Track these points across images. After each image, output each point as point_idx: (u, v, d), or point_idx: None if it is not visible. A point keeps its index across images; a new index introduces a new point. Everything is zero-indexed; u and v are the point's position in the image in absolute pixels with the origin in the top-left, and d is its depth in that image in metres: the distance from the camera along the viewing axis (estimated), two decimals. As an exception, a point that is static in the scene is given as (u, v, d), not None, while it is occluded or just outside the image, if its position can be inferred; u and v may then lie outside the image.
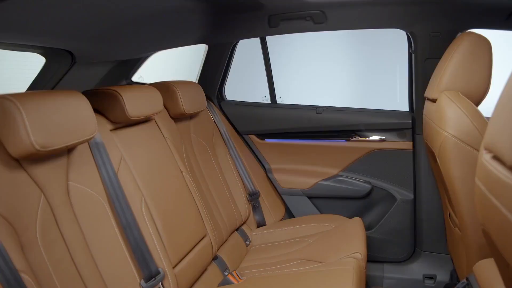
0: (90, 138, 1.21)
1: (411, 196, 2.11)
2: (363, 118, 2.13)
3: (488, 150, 0.91)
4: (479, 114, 1.43)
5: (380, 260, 2.20)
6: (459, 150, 1.42)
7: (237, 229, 2.05)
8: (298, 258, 1.78)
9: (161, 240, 1.41)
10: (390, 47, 2.50)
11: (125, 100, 1.41)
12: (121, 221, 1.28)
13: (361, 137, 2.15)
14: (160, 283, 1.33)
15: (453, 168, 1.44)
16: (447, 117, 1.46)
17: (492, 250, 1.07)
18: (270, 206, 2.21)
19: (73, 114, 1.15)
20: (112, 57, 1.89)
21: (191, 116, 1.98)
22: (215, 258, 1.79)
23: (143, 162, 1.49)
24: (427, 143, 1.73)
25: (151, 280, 1.30)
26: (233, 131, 2.28)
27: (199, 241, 1.63)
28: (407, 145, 2.08)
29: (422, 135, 2.02)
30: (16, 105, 1.01)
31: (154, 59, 2.13)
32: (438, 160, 1.54)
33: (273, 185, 2.30)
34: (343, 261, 1.62)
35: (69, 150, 1.22)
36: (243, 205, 2.09)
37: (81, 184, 1.23)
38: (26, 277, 0.94)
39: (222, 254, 1.83)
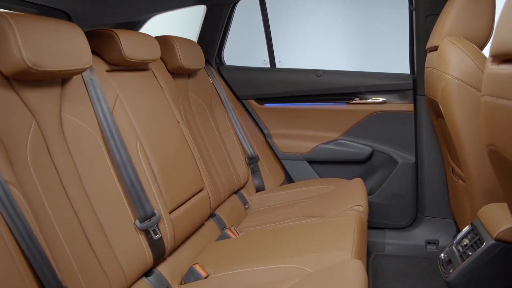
0: (85, 69, 1.18)
1: (413, 159, 2.08)
2: (364, 80, 2.10)
3: (497, 55, 0.88)
4: (482, 55, 1.41)
5: (382, 227, 2.16)
6: (462, 92, 1.40)
7: (235, 193, 2.01)
8: (298, 216, 1.74)
9: (157, 184, 1.37)
10: (391, 7, 2.46)
11: (121, 41, 1.38)
12: (116, 159, 1.25)
13: (361, 100, 2.12)
14: (156, 225, 1.29)
15: (456, 111, 1.41)
16: (449, 60, 1.43)
17: (500, 172, 1.03)
18: (269, 171, 2.17)
19: (67, 41, 1.13)
20: (108, 19, 1.87)
21: (189, 75, 1.95)
22: (213, 215, 1.76)
23: (139, 106, 1.45)
24: (429, 97, 1.69)
25: (146, 221, 1.27)
26: (232, 95, 2.25)
27: (197, 193, 1.59)
28: (409, 106, 2.05)
29: (424, 95, 1.99)
30: (8, 20, 0.98)
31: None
32: (441, 106, 1.51)
33: (273, 150, 2.26)
34: (344, 213, 1.59)
35: (62, 82, 1.19)
36: (242, 169, 2.05)
37: (74, 117, 1.20)
38: (14, 190, 0.91)
39: (220, 213, 1.79)
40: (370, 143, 2.13)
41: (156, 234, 1.28)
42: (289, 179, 2.26)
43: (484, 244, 1.22)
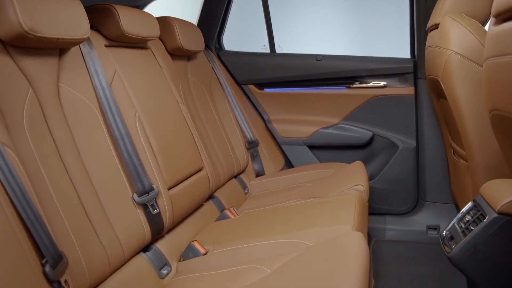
0: (83, 40, 1.16)
1: (414, 144, 2.06)
2: (364, 64, 2.09)
3: (499, 13, 0.86)
4: (483, 30, 1.39)
5: (382, 212, 2.15)
6: (463, 67, 1.38)
7: (235, 177, 2.00)
8: (298, 198, 1.73)
9: (156, 159, 1.36)
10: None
11: (120, 16, 1.37)
12: (113, 132, 1.23)
13: (362, 84, 2.10)
14: (154, 200, 1.28)
15: (458, 87, 1.40)
16: (450, 36, 1.42)
17: (503, 138, 1.02)
18: (269, 156, 2.16)
19: (66, 10, 1.12)
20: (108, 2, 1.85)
21: (188, 58, 1.94)
22: (212, 197, 1.74)
23: (137, 82, 1.44)
24: (430, 77, 1.68)
25: (144, 195, 1.25)
26: (232, 80, 2.24)
27: (196, 173, 1.58)
28: (409, 90, 2.03)
29: (424, 79, 1.98)
30: None
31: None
32: (442, 84, 1.50)
33: (273, 135, 2.25)
34: (344, 192, 1.58)
35: (60, 53, 1.18)
36: (242, 153, 2.04)
37: (72, 88, 1.18)
38: (10, 152, 0.89)
39: (220, 195, 1.78)
40: (370, 127, 2.12)
41: (154, 209, 1.27)
42: (289, 164, 2.25)
43: (487, 217, 1.20)
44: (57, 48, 1.15)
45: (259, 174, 2.11)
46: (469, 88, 1.38)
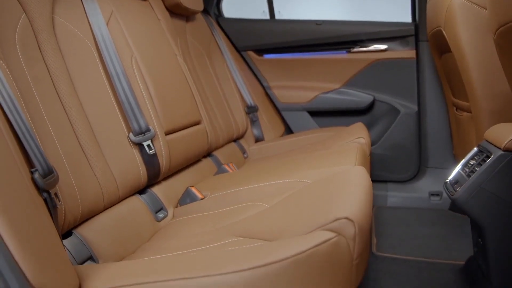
0: None
1: (415, 108, 2.03)
2: (365, 28, 2.06)
3: None
4: None
5: (384, 180, 2.11)
6: (465, 10, 1.36)
7: (234, 141, 1.96)
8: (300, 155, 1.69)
9: (153, 102, 1.33)
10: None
11: None
12: (109, 69, 1.21)
13: (362, 48, 2.08)
14: (150, 141, 1.25)
15: (461, 31, 1.37)
16: None
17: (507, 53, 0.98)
18: (269, 123, 2.13)
19: None
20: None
21: (187, 19, 1.91)
22: (210, 155, 1.71)
23: (134, 27, 1.41)
24: (432, 32, 1.65)
25: (140, 135, 1.22)
26: (232, 47, 2.21)
27: (194, 125, 1.54)
28: (411, 53, 2.00)
29: (426, 41, 1.95)
30: None
31: None
32: (444, 32, 1.47)
33: (273, 102, 2.22)
34: (345, 145, 1.54)
35: (54, -15, 1.15)
36: (241, 117, 2.01)
37: (67, 21, 1.16)
38: (1, 64, 0.86)
39: (218, 155, 1.74)
40: (371, 92, 2.09)
41: (150, 149, 1.24)
42: (289, 132, 2.22)
43: (492, 156, 1.17)
44: None
45: (258, 139, 2.07)
46: (472, 32, 1.35)
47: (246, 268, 0.68)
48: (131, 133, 1.21)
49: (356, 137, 1.57)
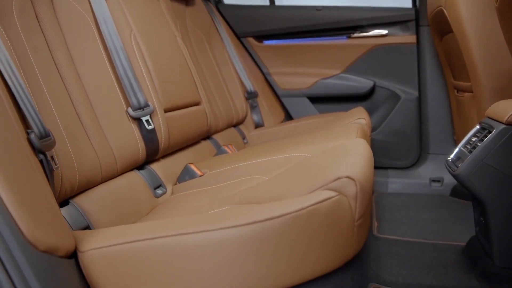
0: None
1: (416, 94, 2.02)
2: (365, 13, 2.05)
3: None
4: None
5: (385, 166, 2.10)
6: None
7: (234, 126, 1.95)
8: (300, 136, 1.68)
9: (152, 79, 1.32)
10: None
11: None
12: (108, 44, 1.19)
13: (362, 33, 2.06)
14: (149, 116, 1.23)
15: (461, 9, 1.36)
16: None
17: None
18: (269, 109, 2.11)
19: None
20: None
21: (186, 3, 1.90)
22: (210, 138, 1.70)
23: (134, 6, 1.40)
24: (433, 14, 1.65)
25: (139, 110, 1.21)
26: (231, 33, 2.20)
27: (193, 106, 1.53)
28: (411, 38, 1.99)
29: (427, 26, 1.94)
30: None
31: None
32: (445, 11, 1.46)
33: (273, 89, 2.21)
34: (346, 126, 1.53)
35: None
36: (241, 102, 1.99)
37: (65, -6, 1.15)
38: (1, 30, 0.85)
39: (218, 138, 1.73)
40: (372, 78, 2.08)
41: (149, 124, 1.22)
42: (289, 118, 2.20)
43: (494, 130, 1.15)
44: None
45: (258, 125, 2.06)
46: (472, 9, 1.35)
47: (245, 223, 0.66)
48: (129, 108, 1.19)
49: (356, 118, 1.56)
